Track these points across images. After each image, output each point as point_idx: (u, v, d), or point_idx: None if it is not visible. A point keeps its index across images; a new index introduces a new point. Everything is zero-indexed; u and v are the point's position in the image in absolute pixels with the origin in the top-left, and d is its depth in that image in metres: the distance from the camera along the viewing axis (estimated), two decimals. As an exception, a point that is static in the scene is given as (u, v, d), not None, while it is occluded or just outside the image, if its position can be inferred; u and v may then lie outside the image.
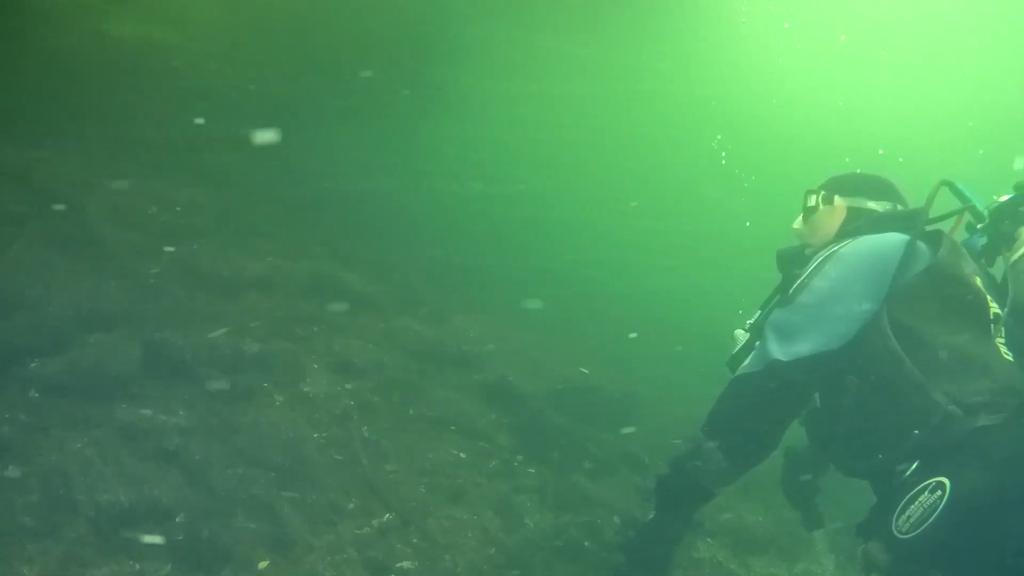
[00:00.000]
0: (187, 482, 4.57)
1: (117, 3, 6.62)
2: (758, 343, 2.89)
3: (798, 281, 2.83)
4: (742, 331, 3.24)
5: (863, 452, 2.59)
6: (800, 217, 3.34)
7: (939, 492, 2.21)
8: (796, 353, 2.62)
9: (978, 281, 2.70)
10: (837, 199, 3.19)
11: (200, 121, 7.90)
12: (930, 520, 2.18)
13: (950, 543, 2.21)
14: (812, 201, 3.24)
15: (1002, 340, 2.59)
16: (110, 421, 4.80)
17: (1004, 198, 2.81)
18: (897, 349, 2.50)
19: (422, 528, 4.84)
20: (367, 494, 5.05)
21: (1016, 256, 2.68)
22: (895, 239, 2.76)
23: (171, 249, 6.60)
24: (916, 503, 2.26)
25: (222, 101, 8.34)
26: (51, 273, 5.65)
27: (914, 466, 2.38)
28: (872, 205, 3.12)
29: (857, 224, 3.06)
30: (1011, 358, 2.53)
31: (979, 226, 2.93)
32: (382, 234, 8.98)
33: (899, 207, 3.15)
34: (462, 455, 5.84)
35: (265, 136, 8.18)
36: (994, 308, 2.62)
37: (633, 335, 8.04)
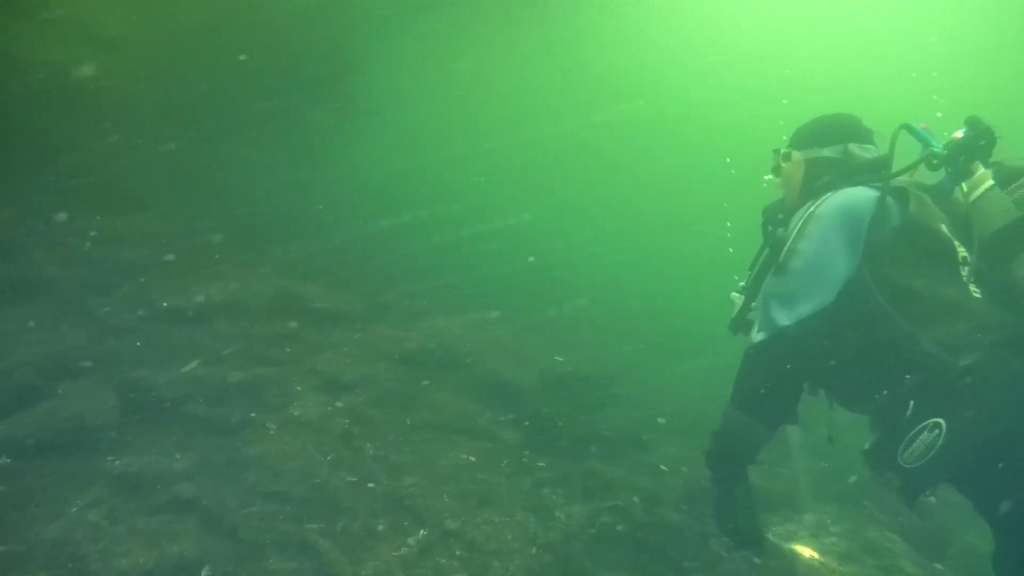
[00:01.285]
0: (206, 530, 4.02)
1: (25, 23, 5.83)
2: (761, 313, 2.90)
3: (785, 247, 2.85)
4: (737, 294, 3.23)
5: (863, 394, 2.75)
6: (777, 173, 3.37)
7: (937, 431, 2.45)
8: (798, 315, 2.70)
9: (945, 228, 2.79)
10: (795, 154, 3.23)
11: (126, 146, 7.17)
12: (931, 454, 2.45)
13: (948, 468, 2.49)
14: (776, 160, 3.31)
15: (971, 280, 2.70)
16: (104, 475, 4.18)
17: (958, 134, 2.83)
18: (883, 303, 2.61)
19: (462, 538, 4.43)
20: (395, 512, 4.59)
21: (976, 195, 2.74)
22: (865, 196, 2.81)
23: (122, 282, 5.89)
24: (918, 440, 2.48)
25: (148, 126, 7.59)
26: (1, 323, 4.89)
27: (911, 405, 2.54)
28: (826, 152, 3.15)
29: (825, 179, 3.06)
30: (979, 295, 2.65)
31: (935, 161, 2.92)
32: (331, 246, 8.42)
33: (852, 146, 3.15)
34: (473, 458, 5.43)
35: (195, 158, 7.49)
36: (961, 252, 2.73)
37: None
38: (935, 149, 2.88)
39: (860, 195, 2.80)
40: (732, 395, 2.95)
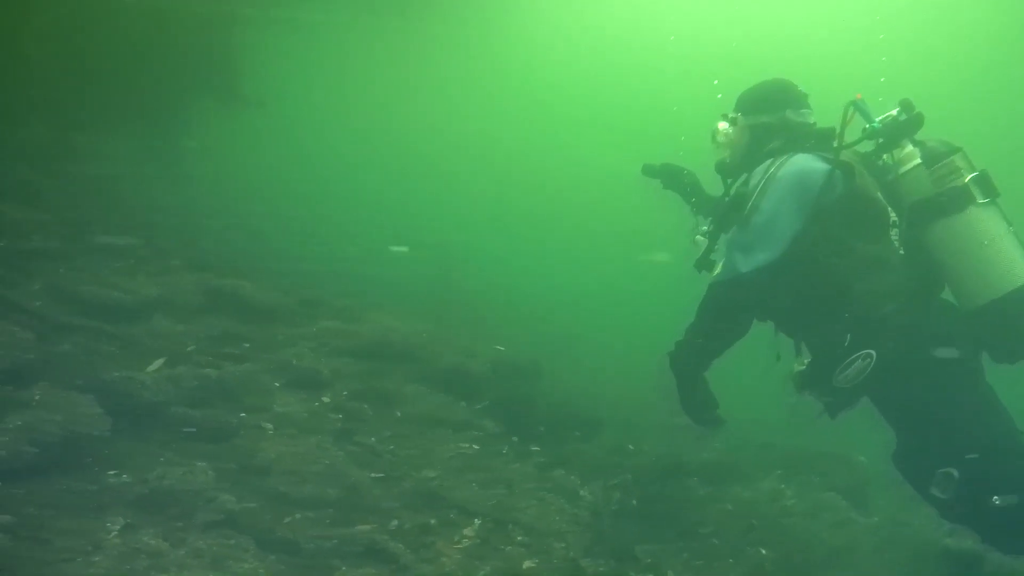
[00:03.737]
0: (262, 545, 3.32)
1: None
2: (725, 258, 3.19)
3: (749, 202, 3.13)
4: (701, 237, 3.48)
5: (808, 327, 3.17)
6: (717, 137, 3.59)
7: (868, 360, 2.91)
8: (754, 263, 3.02)
9: (880, 195, 3.20)
10: (740, 118, 3.48)
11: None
12: (861, 378, 2.93)
13: (869, 390, 3.00)
14: (722, 125, 3.54)
15: (897, 240, 3.16)
16: (115, 493, 3.30)
17: (893, 112, 3.22)
18: (826, 255, 3.03)
19: (518, 523, 4.06)
20: (436, 505, 4.11)
21: (905, 169, 3.16)
22: (817, 167, 3.12)
23: (38, 275, 4.80)
24: (853, 367, 2.94)
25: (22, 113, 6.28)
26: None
27: (848, 338, 2.97)
28: (765, 119, 3.42)
29: (776, 144, 3.34)
30: (903, 252, 3.13)
31: (872, 131, 3.27)
32: (233, 243, 7.46)
33: (789, 112, 3.41)
34: (475, 447, 5.03)
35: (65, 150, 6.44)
36: (892, 216, 3.17)
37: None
38: (873, 125, 3.23)
39: (813, 165, 3.13)
40: (694, 319, 3.26)
